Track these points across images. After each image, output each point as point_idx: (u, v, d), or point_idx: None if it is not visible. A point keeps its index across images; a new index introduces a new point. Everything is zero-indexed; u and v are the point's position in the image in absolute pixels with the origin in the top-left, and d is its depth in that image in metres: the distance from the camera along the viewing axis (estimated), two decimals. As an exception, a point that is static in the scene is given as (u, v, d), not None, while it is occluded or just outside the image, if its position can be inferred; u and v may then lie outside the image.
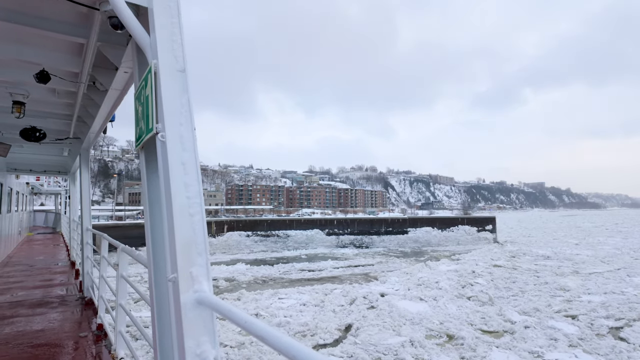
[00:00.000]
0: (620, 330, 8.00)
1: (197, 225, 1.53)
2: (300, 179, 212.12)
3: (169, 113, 1.58)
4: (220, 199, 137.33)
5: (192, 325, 1.38)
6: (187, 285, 1.43)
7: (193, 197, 1.55)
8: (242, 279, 14.91)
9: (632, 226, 49.67)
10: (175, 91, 1.64)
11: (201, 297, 1.40)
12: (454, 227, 29.01)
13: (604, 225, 54.42)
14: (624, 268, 15.81)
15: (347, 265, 18.46)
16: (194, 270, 1.46)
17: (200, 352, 1.36)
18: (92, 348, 3.78)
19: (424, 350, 7.01)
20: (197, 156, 1.62)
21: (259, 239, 25.72)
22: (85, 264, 5.92)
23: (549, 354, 6.77)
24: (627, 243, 27.17)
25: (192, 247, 1.48)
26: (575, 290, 11.64)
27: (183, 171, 1.55)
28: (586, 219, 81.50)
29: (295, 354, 0.78)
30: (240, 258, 21.32)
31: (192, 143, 1.61)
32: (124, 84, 3.35)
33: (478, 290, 11.70)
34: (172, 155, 1.54)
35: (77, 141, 6.19)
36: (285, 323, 8.48)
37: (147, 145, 1.86)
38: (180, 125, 1.60)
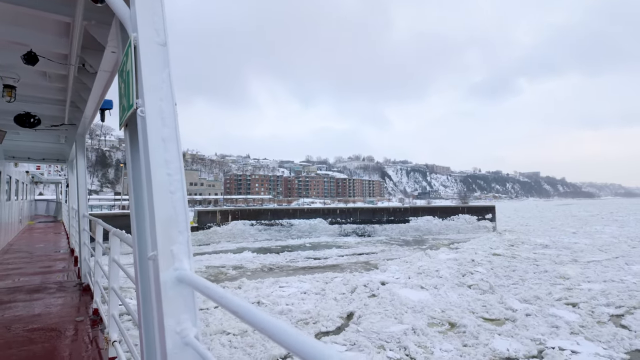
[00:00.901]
0: (621, 317, 8.05)
1: (177, 203, 1.50)
2: (298, 168, 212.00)
3: (149, 88, 1.55)
4: (219, 189, 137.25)
5: (172, 304, 1.37)
6: (167, 263, 1.41)
7: (174, 174, 1.52)
8: (250, 267, 15.11)
9: (626, 215, 49.98)
10: (155, 65, 1.59)
11: (181, 275, 1.38)
12: (454, 216, 29.39)
13: (599, 214, 54.75)
14: (622, 256, 15.89)
15: (351, 253, 18.75)
16: (175, 248, 1.44)
17: (181, 329, 1.35)
18: (87, 332, 3.84)
19: (426, 338, 7.02)
20: (179, 132, 1.58)
21: (263, 228, 26.08)
22: (83, 250, 5.99)
23: (550, 341, 6.80)
24: (623, 232, 27.34)
25: (172, 225, 1.46)
26: (575, 278, 11.69)
27: (163, 147, 1.52)
28: (581, 208, 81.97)
29: (268, 327, 0.79)
30: (246, 246, 21.56)
31: (173, 119, 1.58)
32: (113, 65, 3.34)
33: (478, 278, 11.74)
34: (152, 131, 1.52)
35: (73, 127, 6.18)
36: (288, 311, 8.48)
37: (130, 122, 1.81)
38: (160, 100, 1.57)
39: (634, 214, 51.95)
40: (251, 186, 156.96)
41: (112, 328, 3.16)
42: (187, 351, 1.36)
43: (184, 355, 1.36)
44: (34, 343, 3.57)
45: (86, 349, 3.45)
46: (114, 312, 3.18)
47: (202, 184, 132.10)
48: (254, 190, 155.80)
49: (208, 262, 16.17)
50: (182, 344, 1.36)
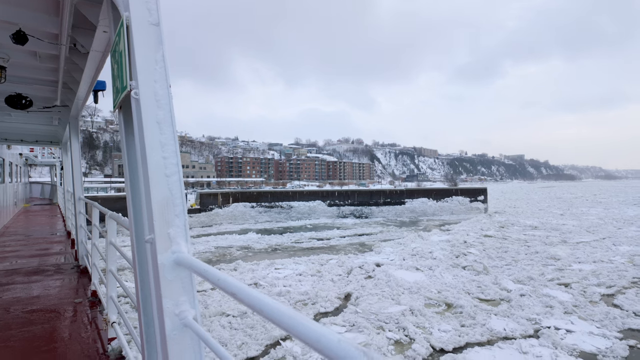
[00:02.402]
0: (612, 297, 8.24)
1: (173, 186, 1.50)
2: (288, 151, 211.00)
3: (142, 69, 1.52)
4: (210, 171, 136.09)
5: (170, 286, 1.39)
6: (164, 246, 1.43)
7: (169, 157, 1.51)
8: (257, 247, 15.60)
9: (609, 197, 51.21)
10: (148, 46, 1.54)
11: (179, 257, 1.40)
12: (448, 198, 30.32)
13: (583, 196, 55.93)
14: (609, 237, 16.26)
15: (352, 234, 19.34)
16: (172, 231, 1.45)
17: (179, 312, 1.38)
18: (86, 313, 3.87)
19: (424, 319, 7.10)
20: (173, 115, 1.55)
21: (263, 210, 26.63)
22: (79, 233, 6.00)
23: (546, 321, 6.93)
24: (608, 213, 27.97)
25: (169, 208, 1.47)
26: (566, 259, 11.93)
27: (158, 130, 1.50)
28: (565, 190, 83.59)
29: (262, 307, 0.80)
30: (249, 228, 21.95)
31: (167, 101, 1.55)
32: (105, 45, 3.28)
33: (472, 259, 11.90)
34: (146, 114, 1.49)
35: (66, 109, 6.08)
36: (286, 292, 8.49)
37: (123, 104, 1.76)
38: (154, 82, 1.53)
39: (616, 196, 53.26)
40: (242, 169, 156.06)
41: (111, 309, 3.20)
42: (186, 333, 1.39)
43: (183, 336, 1.38)
44: (33, 324, 3.59)
45: (85, 330, 3.48)
46: (112, 294, 3.22)
47: (194, 166, 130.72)
48: (245, 173, 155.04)
49: (215, 242, 16.56)
50: (181, 326, 1.38)
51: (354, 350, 0.55)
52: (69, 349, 3.09)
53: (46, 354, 3.01)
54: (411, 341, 6.21)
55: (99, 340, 3.25)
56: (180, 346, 1.37)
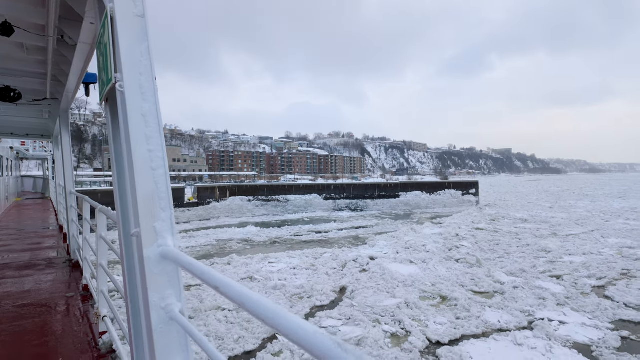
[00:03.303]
0: (603, 288, 8.38)
1: (159, 179, 1.50)
2: (279, 145, 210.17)
3: (127, 62, 1.50)
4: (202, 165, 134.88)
5: (156, 279, 1.40)
6: (150, 239, 1.43)
7: (155, 150, 1.50)
8: (257, 240, 15.84)
9: (595, 190, 52.24)
10: (133, 38, 1.52)
11: (165, 251, 1.41)
12: (440, 191, 31.14)
13: (569, 189, 56.87)
14: (597, 230, 16.55)
15: (350, 227, 19.66)
16: (158, 225, 1.46)
17: (165, 305, 1.39)
18: (78, 307, 3.86)
19: (420, 312, 7.14)
20: (159, 107, 1.54)
21: (260, 204, 26.89)
22: (71, 227, 5.98)
23: (539, 313, 7.02)
24: (596, 206, 28.46)
25: (155, 202, 1.47)
26: (556, 251, 12.10)
27: (144, 123, 1.50)
28: (552, 184, 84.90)
29: (244, 300, 0.81)
30: (247, 221, 22.13)
31: (153, 93, 1.54)
32: (93, 37, 3.25)
33: (465, 252, 12.00)
34: (131, 106, 1.49)
35: (55, 102, 6.03)
36: (281, 286, 8.46)
37: (110, 97, 1.75)
38: (139, 74, 1.52)
39: (602, 189, 54.36)
40: (234, 162, 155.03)
41: (102, 303, 3.21)
42: (172, 326, 1.39)
43: (169, 330, 1.39)
44: (24, 318, 3.58)
45: (77, 324, 3.48)
46: (103, 288, 3.22)
47: (185, 160, 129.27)
48: (237, 167, 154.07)
49: (215, 235, 16.72)
50: (167, 319, 1.39)
51: (330, 342, 0.56)
52: (60, 343, 3.08)
53: (37, 348, 2.99)
54: (407, 334, 6.24)
55: (91, 334, 3.25)
56: (166, 339, 1.38)
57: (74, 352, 2.92)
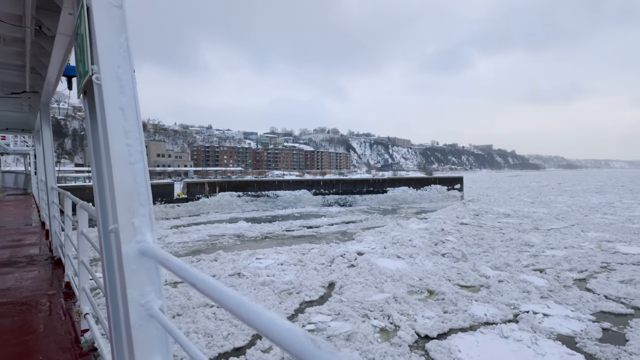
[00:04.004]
0: (585, 281, 8.61)
1: (138, 174, 1.47)
2: (264, 140, 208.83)
3: (104, 53, 1.47)
4: (187, 160, 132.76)
5: (135, 276, 1.39)
6: (128, 236, 1.42)
7: (133, 145, 1.48)
8: (250, 235, 15.91)
9: (573, 185, 53.78)
10: (111, 29, 1.48)
11: (144, 247, 1.40)
12: (427, 187, 31.89)
13: (549, 184, 58.30)
14: (577, 224, 17.01)
15: (340, 222, 19.79)
16: (136, 221, 1.44)
17: (145, 302, 1.38)
18: (60, 305, 3.80)
19: (408, 306, 7.20)
20: (138, 101, 1.51)
21: (250, 199, 26.97)
22: (53, 223, 5.87)
23: (524, 306, 7.16)
24: (575, 201, 29.25)
25: (133, 197, 1.45)
26: (539, 245, 12.39)
27: (122, 116, 1.47)
28: (531, 179, 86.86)
29: (220, 297, 0.82)
30: (237, 217, 22.07)
31: (131, 86, 1.50)
32: (72, 28, 3.16)
33: (450, 247, 12.15)
34: (109, 100, 1.45)
35: (36, 95, 5.86)
36: (270, 282, 8.41)
37: (87, 90, 1.70)
38: (117, 67, 1.48)
39: (579, 184, 56.00)
40: (219, 158, 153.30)
41: (83, 301, 3.17)
42: (151, 323, 1.38)
43: (148, 327, 1.38)
44: (3, 317, 3.50)
45: (59, 322, 3.43)
46: (84, 286, 3.18)
47: (169, 155, 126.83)
48: (223, 162, 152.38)
49: (207, 231, 16.61)
50: (146, 316, 1.38)
51: (303, 338, 0.56)
52: (41, 341, 3.02)
53: (16, 347, 2.92)
54: (396, 328, 6.29)
55: (73, 332, 3.20)
56: (145, 336, 1.37)
57: (55, 351, 2.87)
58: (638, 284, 8.14)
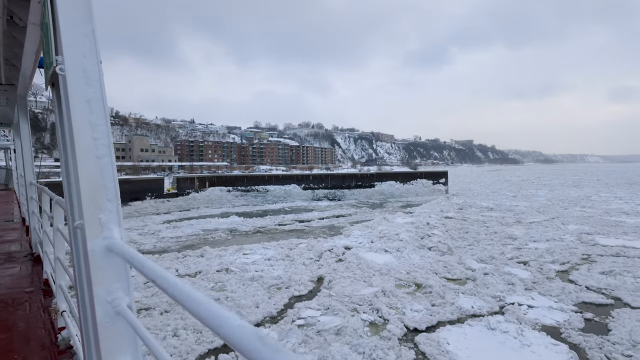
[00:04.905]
0: (567, 273, 8.84)
1: (105, 169, 1.44)
2: (249, 135, 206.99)
3: (69, 43, 1.41)
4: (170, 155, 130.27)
5: (101, 273, 1.36)
6: (95, 232, 1.39)
7: (100, 138, 1.43)
8: (243, 229, 15.99)
9: (551, 179, 55.30)
10: (76, 18, 1.42)
11: (111, 243, 1.37)
12: (413, 181, 32.80)
13: (528, 179, 59.71)
14: (558, 217, 17.45)
15: (330, 215, 20.03)
16: (103, 217, 1.41)
17: (112, 299, 1.35)
18: (39, 303, 3.71)
19: (396, 300, 7.25)
20: (105, 93, 1.47)
21: (240, 194, 27.22)
22: (32, 219, 5.72)
23: (509, 297, 7.31)
24: (555, 195, 30.02)
25: (100, 192, 1.42)
26: (522, 238, 12.65)
27: (88, 109, 1.42)
28: (511, 174, 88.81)
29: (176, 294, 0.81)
30: (228, 211, 22.08)
31: (98, 78, 1.46)
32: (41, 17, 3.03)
33: (436, 240, 12.30)
34: (74, 92, 1.41)
35: (12, 88, 5.69)
36: (259, 277, 8.35)
37: (55, 81, 1.64)
38: (83, 57, 1.43)
39: (557, 178, 57.65)
40: (204, 153, 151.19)
41: (60, 298, 3.11)
42: (118, 321, 1.36)
43: (115, 325, 1.36)
44: None
45: (36, 319, 3.34)
46: (61, 283, 3.11)
47: (153, 150, 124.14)
48: (207, 157, 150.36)
49: (200, 226, 16.66)
50: (113, 314, 1.35)
51: (252, 336, 0.56)
52: (17, 340, 2.93)
53: None
54: (385, 322, 6.32)
55: (51, 330, 3.12)
56: (112, 335, 1.34)
57: (31, 349, 2.79)
58: (618, 275, 8.42)
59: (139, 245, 12.90)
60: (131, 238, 13.99)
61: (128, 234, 14.90)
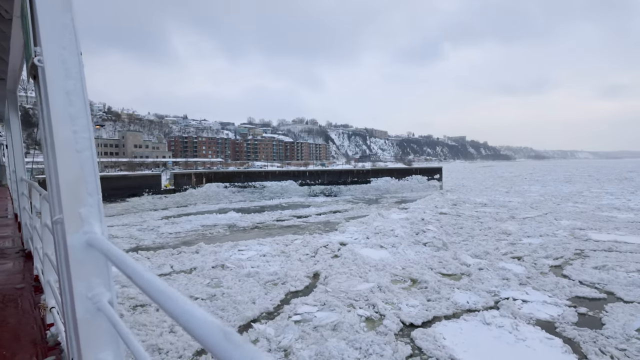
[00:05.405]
0: (560, 268, 8.92)
1: (86, 163, 1.42)
2: (243, 131, 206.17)
3: (48, 34, 1.38)
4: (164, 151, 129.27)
5: (82, 268, 1.35)
6: (75, 226, 1.37)
7: (80, 132, 1.41)
8: (242, 225, 16.05)
9: (543, 175, 55.77)
10: (55, 8, 1.38)
11: (91, 238, 1.35)
12: (408, 177, 33.15)
13: (521, 174, 60.14)
14: (551, 212, 17.61)
15: (328, 211, 20.17)
16: (84, 211, 1.39)
17: (92, 295, 1.34)
18: (29, 299, 3.70)
19: (392, 295, 7.27)
20: (85, 85, 1.44)
21: (237, 190, 27.34)
22: (23, 215, 5.71)
23: (504, 292, 7.35)
24: (547, 190, 30.28)
25: (80, 186, 1.40)
26: (516, 233, 12.75)
27: (68, 102, 1.40)
28: (504, 169, 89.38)
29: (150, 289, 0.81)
30: (226, 207, 22.15)
31: (78, 70, 1.43)
32: None
33: (431, 236, 12.35)
34: (53, 83, 1.38)
35: (1, 82, 5.60)
36: (255, 273, 8.33)
37: (36, 73, 1.61)
38: (62, 48, 1.40)
39: (549, 174, 58.15)
40: (198, 148, 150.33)
41: (49, 294, 3.09)
42: (99, 317, 1.34)
43: (95, 321, 1.35)
44: None
45: (26, 316, 3.34)
46: (49, 279, 3.08)
47: (147, 146, 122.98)
48: (201, 153, 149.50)
49: (199, 222, 16.66)
50: (94, 310, 1.34)
51: (217, 331, 0.57)
52: (6, 336, 2.93)
53: None
54: (382, 317, 6.34)
55: (41, 327, 3.12)
56: (92, 331, 1.33)
57: (21, 346, 2.78)
58: (611, 270, 8.51)
59: (139, 241, 12.84)
60: (131, 234, 13.91)
61: (127, 229, 14.82)
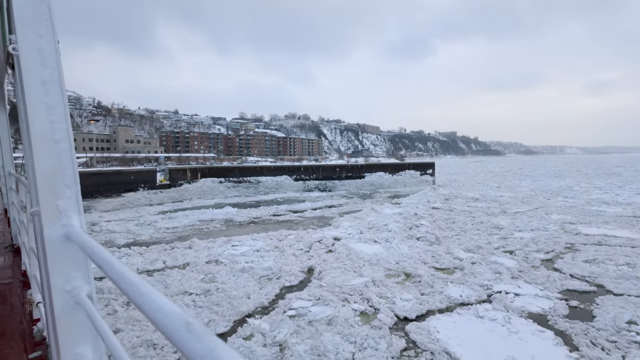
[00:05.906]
0: (551, 262, 9.04)
1: (63, 154, 1.38)
2: (235, 126, 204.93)
3: (23, 21, 1.34)
4: (156, 146, 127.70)
5: (59, 261, 1.32)
6: (52, 219, 1.33)
7: (57, 122, 1.37)
8: (238, 219, 16.10)
9: (533, 170, 56.53)
10: None
11: (69, 231, 1.32)
12: (401, 172, 33.53)
13: (511, 170, 60.77)
14: (541, 207, 17.82)
15: (323, 206, 20.22)
16: (61, 204, 1.35)
17: (71, 288, 1.31)
18: (17, 294, 3.64)
19: (386, 289, 7.30)
20: (62, 74, 1.41)
21: (232, 185, 27.47)
22: (11, 210, 5.59)
23: (496, 286, 7.44)
24: (538, 185, 30.64)
25: (57, 178, 1.36)
26: (508, 228, 12.89)
27: (44, 91, 1.36)
28: (494, 165, 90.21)
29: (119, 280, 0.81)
30: (221, 202, 22.12)
31: (54, 58, 1.39)
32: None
33: (424, 231, 12.42)
34: (28, 72, 1.34)
35: None
36: (249, 268, 8.30)
37: (12, 62, 1.58)
38: (39, 37, 1.35)
39: (539, 169, 58.90)
40: (189, 144, 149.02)
41: (35, 289, 3.05)
42: (77, 311, 1.31)
43: (74, 315, 1.32)
44: None
45: (13, 311, 3.27)
46: (35, 273, 3.01)
47: (138, 141, 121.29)
48: (193, 148, 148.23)
49: (196, 217, 16.66)
50: (73, 304, 1.31)
51: (179, 322, 0.56)
52: None
53: None
54: (376, 311, 6.37)
55: (29, 322, 3.06)
56: (70, 325, 1.31)
57: (7, 341, 2.73)
58: (601, 263, 8.65)
59: (137, 235, 12.78)
60: (128, 229, 13.81)
61: (125, 224, 14.70)
